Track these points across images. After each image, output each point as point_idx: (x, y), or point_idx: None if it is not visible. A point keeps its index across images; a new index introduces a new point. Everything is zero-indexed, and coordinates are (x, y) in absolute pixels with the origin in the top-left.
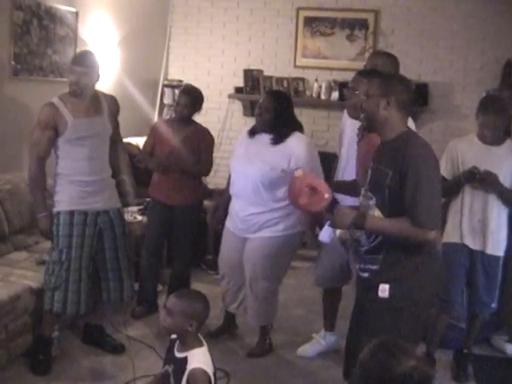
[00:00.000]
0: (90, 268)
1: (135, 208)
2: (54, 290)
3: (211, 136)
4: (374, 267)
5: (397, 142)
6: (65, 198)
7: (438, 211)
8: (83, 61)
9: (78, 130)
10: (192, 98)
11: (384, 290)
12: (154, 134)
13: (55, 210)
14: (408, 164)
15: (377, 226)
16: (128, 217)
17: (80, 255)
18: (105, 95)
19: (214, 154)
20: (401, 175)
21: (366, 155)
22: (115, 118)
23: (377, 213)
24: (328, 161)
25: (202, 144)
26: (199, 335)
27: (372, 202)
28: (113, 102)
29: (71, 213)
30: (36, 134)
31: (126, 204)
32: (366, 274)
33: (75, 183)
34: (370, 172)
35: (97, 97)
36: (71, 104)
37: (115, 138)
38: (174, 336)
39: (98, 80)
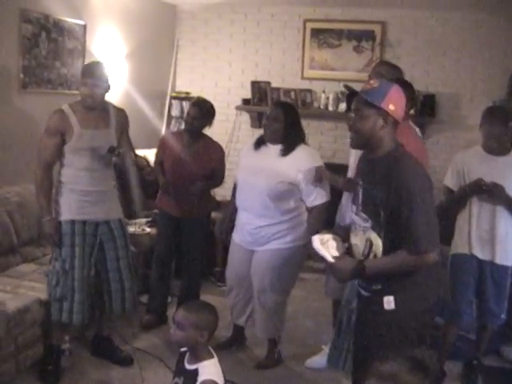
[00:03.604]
0: (91, 278)
1: (143, 220)
2: (61, 300)
3: (222, 151)
4: (376, 286)
5: (386, 160)
6: (65, 208)
7: (435, 232)
8: (94, 72)
9: (83, 140)
10: (202, 110)
11: (389, 302)
12: (162, 147)
13: (57, 219)
14: (400, 188)
15: (377, 270)
16: (136, 229)
17: (83, 265)
18: (114, 108)
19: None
20: (395, 199)
21: None
22: (124, 131)
23: (373, 236)
24: (335, 172)
25: (213, 159)
26: (209, 347)
27: (368, 225)
28: (122, 115)
29: (72, 222)
30: (43, 140)
31: (132, 214)
32: (367, 293)
33: (75, 192)
34: (360, 191)
35: (106, 109)
36: (80, 113)
37: (124, 150)
38: (184, 348)
39: (108, 90)
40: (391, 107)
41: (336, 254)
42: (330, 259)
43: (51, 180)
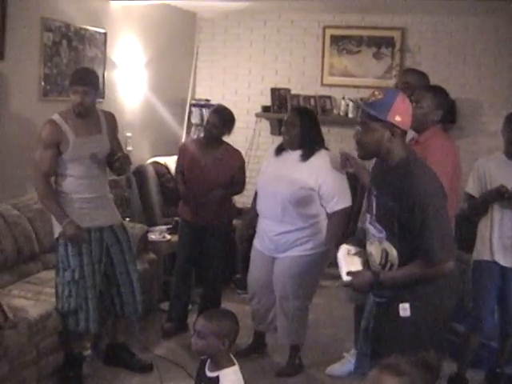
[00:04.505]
0: (101, 284)
1: (164, 227)
2: (77, 310)
3: (242, 158)
4: (388, 293)
5: (398, 169)
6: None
7: (450, 241)
8: (85, 80)
9: (80, 148)
10: (222, 117)
11: (405, 309)
12: (182, 155)
13: (61, 230)
14: (413, 198)
15: (394, 281)
16: (156, 235)
17: (93, 272)
18: (103, 112)
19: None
20: (408, 209)
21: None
22: (114, 135)
23: (388, 246)
24: (355, 178)
25: (233, 166)
26: (230, 354)
27: (382, 235)
28: (112, 119)
29: None
30: (39, 152)
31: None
32: (383, 300)
33: (77, 201)
34: (374, 200)
35: (96, 114)
36: (72, 121)
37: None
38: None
39: (99, 96)
40: (397, 118)
41: (353, 269)
42: (344, 277)
43: (52, 187)
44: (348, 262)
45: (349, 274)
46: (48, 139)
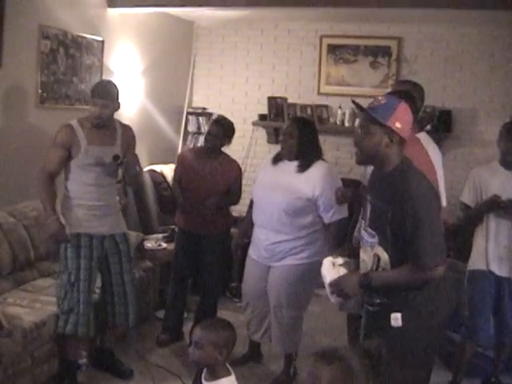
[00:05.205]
0: (96, 290)
1: (160, 235)
2: (68, 312)
3: (240, 169)
4: (382, 300)
5: (393, 175)
6: (72, 221)
7: (441, 246)
8: (105, 93)
9: (90, 156)
10: (224, 128)
11: (396, 319)
12: (180, 164)
13: (68, 231)
14: (406, 203)
15: (383, 282)
16: (153, 244)
17: (89, 277)
18: (121, 124)
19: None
20: (400, 213)
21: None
22: (130, 147)
23: (380, 251)
24: (351, 188)
25: (230, 177)
26: (227, 364)
27: (375, 240)
28: (128, 133)
29: (78, 235)
30: (50, 151)
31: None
32: (375, 309)
33: (82, 207)
34: (368, 206)
35: (113, 125)
36: (88, 129)
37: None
38: None
39: (118, 109)
40: (397, 125)
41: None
42: (328, 291)
43: (54, 185)
44: (333, 274)
45: (330, 284)
46: (60, 140)
